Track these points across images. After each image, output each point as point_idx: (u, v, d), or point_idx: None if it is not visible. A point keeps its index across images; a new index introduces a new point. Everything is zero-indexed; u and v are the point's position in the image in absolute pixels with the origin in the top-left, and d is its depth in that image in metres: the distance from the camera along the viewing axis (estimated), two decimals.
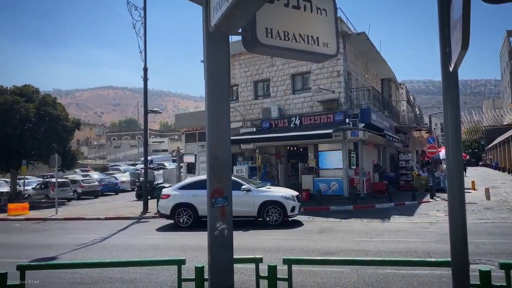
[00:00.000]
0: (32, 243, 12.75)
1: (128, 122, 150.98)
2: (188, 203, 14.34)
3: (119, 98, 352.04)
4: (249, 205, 14.07)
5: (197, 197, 14.10)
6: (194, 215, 14.32)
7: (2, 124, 26.58)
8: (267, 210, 13.96)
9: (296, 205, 14.11)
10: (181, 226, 14.32)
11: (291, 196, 14.20)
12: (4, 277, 3.59)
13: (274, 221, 13.87)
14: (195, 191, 14.41)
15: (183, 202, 14.39)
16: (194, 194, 14.33)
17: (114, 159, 67.58)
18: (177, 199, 14.55)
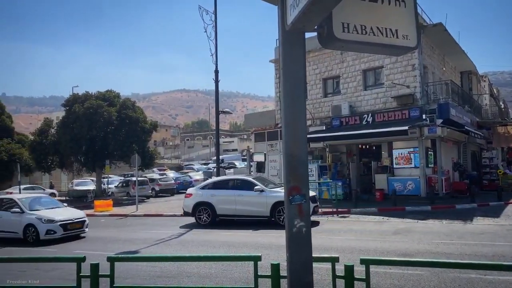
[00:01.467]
0: (117, 238, 13.71)
1: (200, 123, 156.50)
2: (207, 202, 15.16)
3: (192, 100, 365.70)
4: (262, 205, 14.30)
5: (215, 196, 15.04)
6: (213, 214, 15.04)
7: (89, 127, 28.86)
8: (279, 210, 13.92)
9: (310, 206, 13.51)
10: (201, 224, 15.15)
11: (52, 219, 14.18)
12: (97, 267, 3.89)
13: (282, 220, 13.62)
14: (213, 191, 15.29)
15: (203, 201, 15.26)
16: (212, 194, 15.19)
17: (188, 159, 70.40)
18: (198, 198, 15.40)
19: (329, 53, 22.79)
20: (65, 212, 14.87)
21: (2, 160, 37.19)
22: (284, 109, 2.75)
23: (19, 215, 14.07)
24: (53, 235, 13.52)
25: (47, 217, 13.82)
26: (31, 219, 13.82)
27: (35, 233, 13.61)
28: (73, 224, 14.09)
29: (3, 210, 14.45)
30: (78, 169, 33.87)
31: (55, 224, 13.67)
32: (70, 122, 29.44)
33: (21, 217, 14.02)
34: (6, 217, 14.19)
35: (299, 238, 2.64)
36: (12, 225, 14.04)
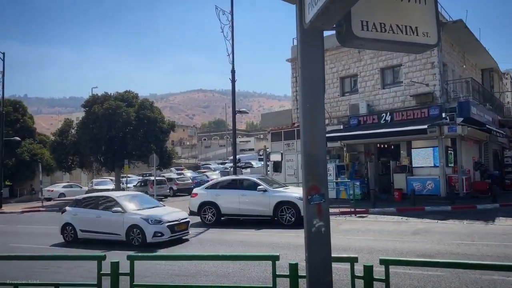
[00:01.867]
0: None
1: (217, 123, 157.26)
2: (212, 201, 15.30)
3: (208, 100, 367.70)
4: (265, 205, 14.40)
5: (220, 196, 15.22)
6: (217, 213, 15.20)
7: (108, 127, 29.28)
8: (282, 210, 14.04)
9: None
10: (206, 223, 15.23)
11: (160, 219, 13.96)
12: (117, 265, 3.95)
13: (287, 221, 13.94)
14: (218, 191, 15.48)
15: (208, 200, 15.39)
16: (217, 194, 15.34)
17: (205, 158, 70.85)
18: (203, 198, 15.56)
19: (346, 52, 22.60)
20: (168, 211, 13.28)
21: (24, 160, 38.05)
22: (302, 109, 2.74)
23: (120, 215, 12.44)
24: (160, 238, 11.88)
25: (154, 217, 12.25)
26: (136, 220, 12.18)
27: (141, 235, 11.95)
28: (180, 225, 12.49)
29: (102, 210, 13.02)
30: (98, 168, 34.39)
31: (162, 225, 12.02)
32: (90, 122, 29.91)
33: (124, 217, 12.41)
34: (106, 217, 12.70)
35: (318, 237, 2.63)
36: (113, 226, 12.51)
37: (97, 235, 12.94)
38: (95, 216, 12.99)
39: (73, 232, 13.27)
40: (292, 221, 13.96)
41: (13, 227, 18.40)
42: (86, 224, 13.13)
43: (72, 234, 13.28)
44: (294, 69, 25.16)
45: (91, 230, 13.04)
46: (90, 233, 13.08)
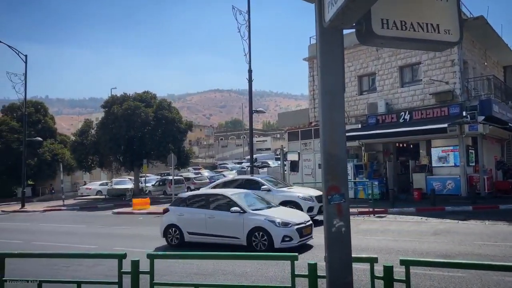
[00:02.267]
0: (155, 235, 13.98)
1: (233, 122, 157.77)
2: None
3: (225, 100, 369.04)
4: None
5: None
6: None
7: (127, 128, 29.69)
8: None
9: (315, 206, 13.97)
10: None
11: (309, 197, 14.20)
12: (137, 264, 4.01)
13: None
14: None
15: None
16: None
17: (222, 158, 71.15)
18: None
19: (364, 50, 22.38)
20: (289, 212, 11.93)
21: (46, 160, 38.87)
22: (322, 108, 2.73)
23: (239, 215, 10.88)
24: (289, 243, 10.20)
25: (280, 219, 10.59)
26: (259, 221, 10.61)
27: (267, 240, 10.37)
28: (306, 229, 10.75)
29: (216, 209, 11.54)
30: (117, 168, 34.91)
31: (291, 228, 10.36)
32: (109, 123, 30.37)
33: (243, 218, 10.83)
34: (220, 217, 11.23)
35: (338, 238, 2.62)
36: (230, 228, 11.01)
37: (209, 238, 11.31)
38: (206, 216, 11.49)
39: (178, 234, 11.76)
40: None
41: (35, 226, 18.82)
42: (195, 226, 11.63)
43: (177, 236, 11.75)
44: (311, 68, 25.05)
45: (201, 233, 11.48)
46: (200, 235, 11.47)
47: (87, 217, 21.61)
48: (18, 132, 37.36)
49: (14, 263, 4.49)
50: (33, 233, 15.85)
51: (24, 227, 18.25)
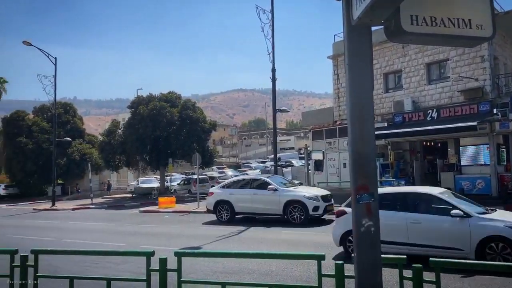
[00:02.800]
0: (180, 233, 14.19)
1: (257, 122, 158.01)
2: (225, 200, 16.03)
3: (248, 100, 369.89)
4: (275, 203, 14.91)
5: (234, 195, 15.93)
6: (231, 211, 15.93)
7: (153, 128, 30.15)
8: (291, 208, 14.55)
9: (320, 205, 14.46)
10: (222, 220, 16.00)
11: (315, 196, 14.62)
12: (165, 261, 4.06)
13: (296, 219, 14.47)
14: (232, 190, 16.23)
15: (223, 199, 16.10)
16: (231, 192, 16.07)
17: (245, 157, 71.31)
18: (219, 197, 16.27)
19: (390, 47, 22.01)
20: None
21: (75, 160, 39.93)
22: (350, 106, 2.70)
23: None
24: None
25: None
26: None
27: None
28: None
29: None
30: (143, 167, 35.49)
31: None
32: (136, 123, 30.91)
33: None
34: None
35: (367, 237, 2.58)
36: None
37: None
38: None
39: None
40: (302, 219, 14.37)
41: (65, 223, 19.35)
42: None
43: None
44: (335, 66, 24.81)
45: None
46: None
47: (114, 215, 22.07)
48: (48, 133, 38.52)
49: (47, 260, 4.63)
50: (63, 231, 16.30)
51: (55, 225, 18.80)
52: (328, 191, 15.95)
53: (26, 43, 28.80)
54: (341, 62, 24.50)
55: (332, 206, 14.96)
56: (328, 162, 23.47)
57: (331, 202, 15.06)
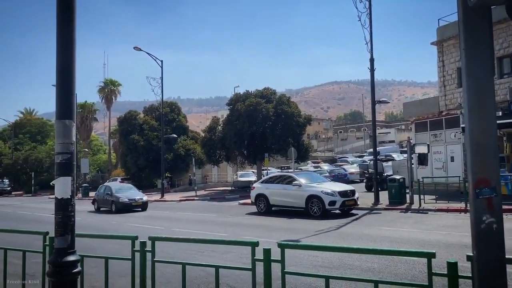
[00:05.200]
0: (279, 226, 14.43)
1: (353, 114, 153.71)
2: (263, 194, 18.28)
3: (343, 92, 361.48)
4: (299, 197, 16.65)
5: (269, 189, 18.08)
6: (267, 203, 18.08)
7: (249, 123, 31.04)
8: (311, 202, 16.17)
9: (337, 200, 15.79)
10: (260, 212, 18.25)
11: (332, 192, 15.95)
12: (269, 252, 4.17)
13: (314, 212, 16.10)
14: (268, 185, 18.37)
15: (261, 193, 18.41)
16: (267, 187, 18.25)
17: (341, 151, 69.87)
18: (258, 191, 18.71)
19: (504, 28, 19.85)
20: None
21: (180, 155, 42.82)
22: (467, 94, 2.49)
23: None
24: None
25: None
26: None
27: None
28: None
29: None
30: (241, 162, 36.78)
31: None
32: (234, 119, 32.10)
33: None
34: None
35: (488, 235, 2.37)
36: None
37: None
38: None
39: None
40: (319, 213, 15.94)
41: (173, 214, 20.89)
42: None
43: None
44: (440, 52, 23.07)
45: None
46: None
47: (216, 207, 23.25)
48: (157, 130, 41.83)
49: (159, 246, 5.06)
50: (172, 221, 17.62)
51: (164, 215, 20.40)
52: (350, 187, 17.22)
53: (136, 48, 31.57)
54: (446, 48, 22.70)
55: (352, 201, 16.34)
56: (433, 156, 21.97)
57: (352, 198, 16.31)
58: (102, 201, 23.91)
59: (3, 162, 62.93)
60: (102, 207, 24.01)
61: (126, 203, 22.15)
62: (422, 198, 16.85)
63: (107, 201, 23.22)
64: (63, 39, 4.09)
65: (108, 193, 23.30)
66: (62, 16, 4.07)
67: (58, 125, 4.02)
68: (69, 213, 4.04)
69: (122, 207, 22.01)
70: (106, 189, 24.32)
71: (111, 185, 26.00)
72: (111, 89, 58.87)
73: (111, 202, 22.73)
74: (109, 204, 22.87)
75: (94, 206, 24.78)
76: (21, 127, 74.10)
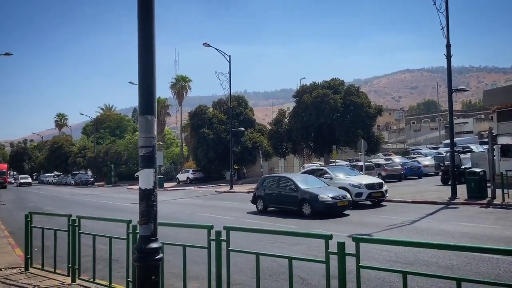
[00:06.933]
0: (348, 220, 14.19)
1: (426, 104, 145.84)
2: None
3: (416, 81, 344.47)
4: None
5: None
6: None
7: (316, 115, 30.76)
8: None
9: (364, 192, 16.99)
10: None
11: (359, 184, 17.29)
12: (343, 245, 4.15)
13: None
14: None
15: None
16: None
17: (414, 143, 66.74)
18: None
19: None
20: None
21: (247, 147, 43.57)
22: None
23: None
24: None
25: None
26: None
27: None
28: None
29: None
30: (308, 154, 36.58)
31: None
32: (300, 111, 31.99)
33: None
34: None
35: None
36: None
37: None
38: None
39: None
40: None
41: (242, 205, 21.34)
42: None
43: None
44: None
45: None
46: None
47: None
48: (225, 124, 42.91)
49: (231, 236, 5.21)
50: (242, 211, 18.03)
51: (234, 206, 20.94)
52: (378, 180, 18.37)
53: (206, 44, 32.51)
54: None
55: (380, 193, 17.34)
56: None
57: (379, 190, 17.34)
58: (276, 198, 17.03)
59: (87, 155, 68.33)
60: (275, 206, 17.27)
61: (329, 202, 14.94)
62: (505, 193, 15.65)
63: (286, 197, 16.43)
64: (144, 41, 4.37)
65: (292, 188, 16.26)
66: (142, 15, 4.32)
67: (141, 120, 4.30)
68: (152, 203, 4.32)
69: (324, 208, 14.94)
70: (283, 181, 17.20)
71: (292, 176, 18.06)
72: (182, 85, 61.22)
73: (299, 201, 15.66)
74: (294, 203, 15.91)
75: (257, 205, 17.78)
76: (102, 123, 79.99)
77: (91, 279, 6.90)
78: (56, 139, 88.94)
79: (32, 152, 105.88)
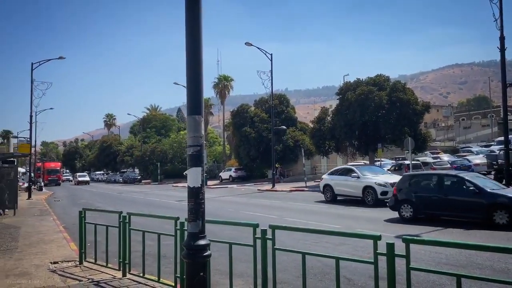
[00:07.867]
0: (381, 216, 13.81)
1: (477, 100, 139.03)
2: (329, 184, 20.97)
3: (466, 76, 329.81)
4: (357, 188, 19.04)
5: (333, 180, 20.70)
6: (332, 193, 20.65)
7: (360, 113, 30.09)
8: (367, 192, 18.38)
9: (389, 190, 16.71)
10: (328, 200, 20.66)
11: (384, 183, 17.86)
12: (392, 247, 4.04)
13: (368, 201, 18.26)
14: (333, 176, 21.10)
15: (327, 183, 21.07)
16: (332, 178, 20.94)
17: (464, 141, 63.82)
18: (325, 182, 21.39)
19: None
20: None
21: (289, 146, 43.45)
22: None
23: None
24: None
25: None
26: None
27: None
28: None
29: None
30: (352, 152, 35.89)
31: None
32: (344, 109, 31.42)
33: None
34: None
35: None
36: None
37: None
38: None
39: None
40: (373, 201, 18.03)
41: (285, 203, 21.33)
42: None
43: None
44: None
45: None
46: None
47: None
48: (267, 122, 43.02)
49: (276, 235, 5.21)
50: (284, 210, 18.02)
51: (277, 204, 20.94)
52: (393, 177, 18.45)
53: (248, 44, 32.72)
54: None
55: None
56: None
57: None
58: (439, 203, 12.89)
59: (134, 154, 70.77)
60: (436, 213, 13.10)
61: None
62: None
63: (460, 203, 12.35)
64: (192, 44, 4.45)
65: (472, 190, 12.20)
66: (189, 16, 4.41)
67: (189, 120, 4.40)
68: (199, 200, 4.40)
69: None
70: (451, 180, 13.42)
71: (465, 175, 13.50)
72: (224, 84, 61.95)
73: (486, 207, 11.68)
74: (477, 211, 11.86)
75: (402, 211, 13.55)
76: (148, 122, 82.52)
77: (140, 274, 7.14)
78: (105, 138, 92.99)
79: (83, 151, 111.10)
